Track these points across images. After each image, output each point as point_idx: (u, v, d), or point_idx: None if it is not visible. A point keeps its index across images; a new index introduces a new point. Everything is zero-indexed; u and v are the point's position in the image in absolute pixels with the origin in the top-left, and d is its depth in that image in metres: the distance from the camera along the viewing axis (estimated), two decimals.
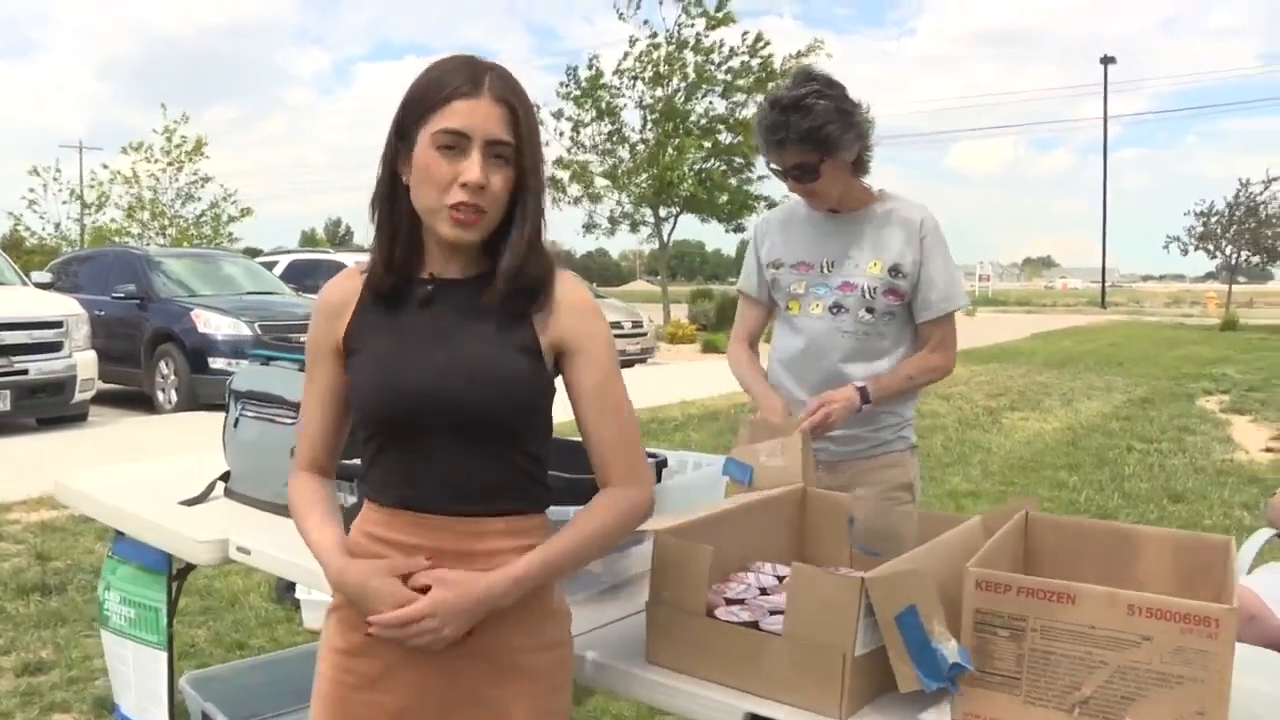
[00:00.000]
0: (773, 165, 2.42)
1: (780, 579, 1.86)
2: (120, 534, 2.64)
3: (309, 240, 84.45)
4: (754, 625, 1.59)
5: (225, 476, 2.62)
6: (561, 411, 1.52)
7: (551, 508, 1.59)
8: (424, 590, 1.41)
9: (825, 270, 2.50)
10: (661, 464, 2.13)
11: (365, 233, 1.52)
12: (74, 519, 5.47)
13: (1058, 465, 7.88)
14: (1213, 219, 26.73)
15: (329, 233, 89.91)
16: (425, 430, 1.44)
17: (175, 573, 2.54)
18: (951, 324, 2.55)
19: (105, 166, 25.55)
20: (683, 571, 1.63)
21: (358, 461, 1.57)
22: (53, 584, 4.35)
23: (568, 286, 1.52)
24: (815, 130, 2.28)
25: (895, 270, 2.45)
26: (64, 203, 26.48)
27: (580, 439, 1.58)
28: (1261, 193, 25.89)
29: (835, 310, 2.47)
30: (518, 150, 1.41)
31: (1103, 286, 47.04)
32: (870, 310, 2.45)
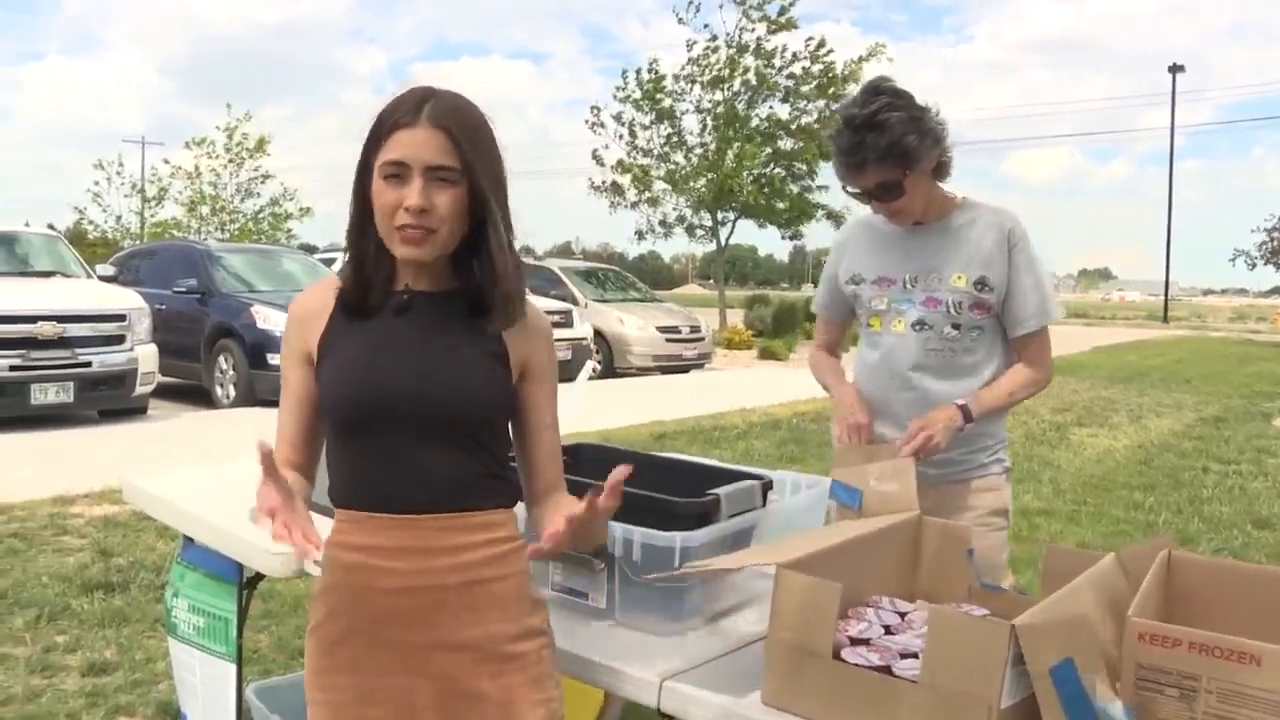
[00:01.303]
0: (851, 189, 2.32)
1: (902, 615, 1.72)
2: (189, 539, 2.56)
3: None
4: (885, 669, 1.45)
5: None
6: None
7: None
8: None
9: (908, 285, 2.39)
10: (767, 486, 2.00)
11: None
12: (136, 515, 5.44)
13: (1131, 485, 7.61)
14: None
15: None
16: (401, 431, 1.51)
17: (245, 581, 2.45)
18: (1047, 336, 2.43)
19: (166, 162, 25.95)
20: (808, 609, 1.49)
21: None
22: (116, 582, 4.30)
23: (535, 310, 1.63)
24: (894, 146, 2.18)
25: (981, 283, 2.33)
26: (125, 196, 26.92)
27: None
28: None
29: (919, 327, 2.37)
30: (466, 171, 1.48)
31: (1165, 300, 46.10)
32: (956, 326, 2.35)
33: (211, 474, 2.89)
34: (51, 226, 12.67)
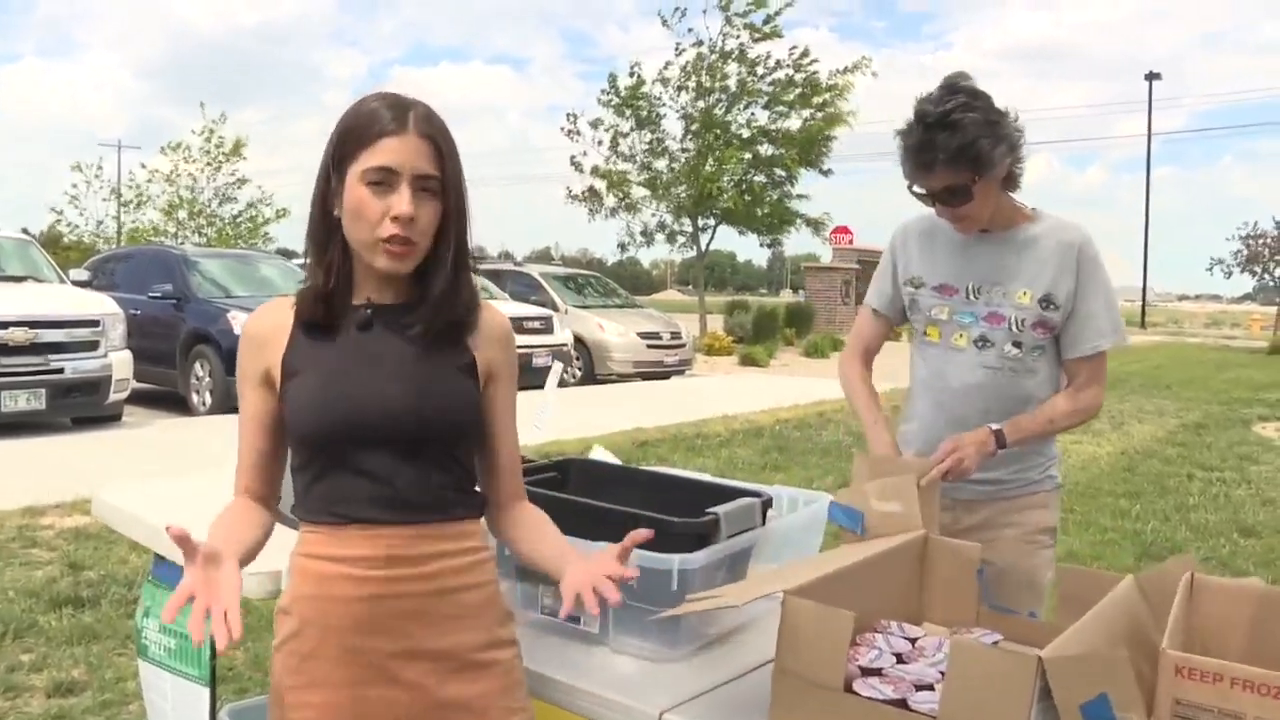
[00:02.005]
0: (916, 189, 2.19)
1: (912, 641, 1.64)
2: (160, 557, 2.45)
3: None
4: (901, 703, 1.37)
5: None
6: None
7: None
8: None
9: (971, 296, 2.28)
10: (766, 504, 1.91)
11: None
12: (108, 526, 5.31)
13: (1117, 492, 7.57)
14: (1259, 241, 26.22)
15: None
16: (375, 448, 1.48)
17: None
18: (1104, 361, 2.29)
19: (144, 166, 25.64)
20: (818, 640, 1.40)
21: None
22: (86, 597, 4.17)
23: (494, 314, 1.61)
24: (966, 148, 2.06)
25: (1047, 301, 2.22)
26: (104, 200, 26.60)
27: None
28: None
29: (981, 344, 2.26)
30: (443, 183, 1.47)
31: (1143, 307, 46.40)
32: (1018, 345, 2.24)
33: (183, 487, 2.78)
34: (25, 230, 12.44)
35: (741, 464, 7.92)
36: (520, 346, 2.66)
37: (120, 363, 8.94)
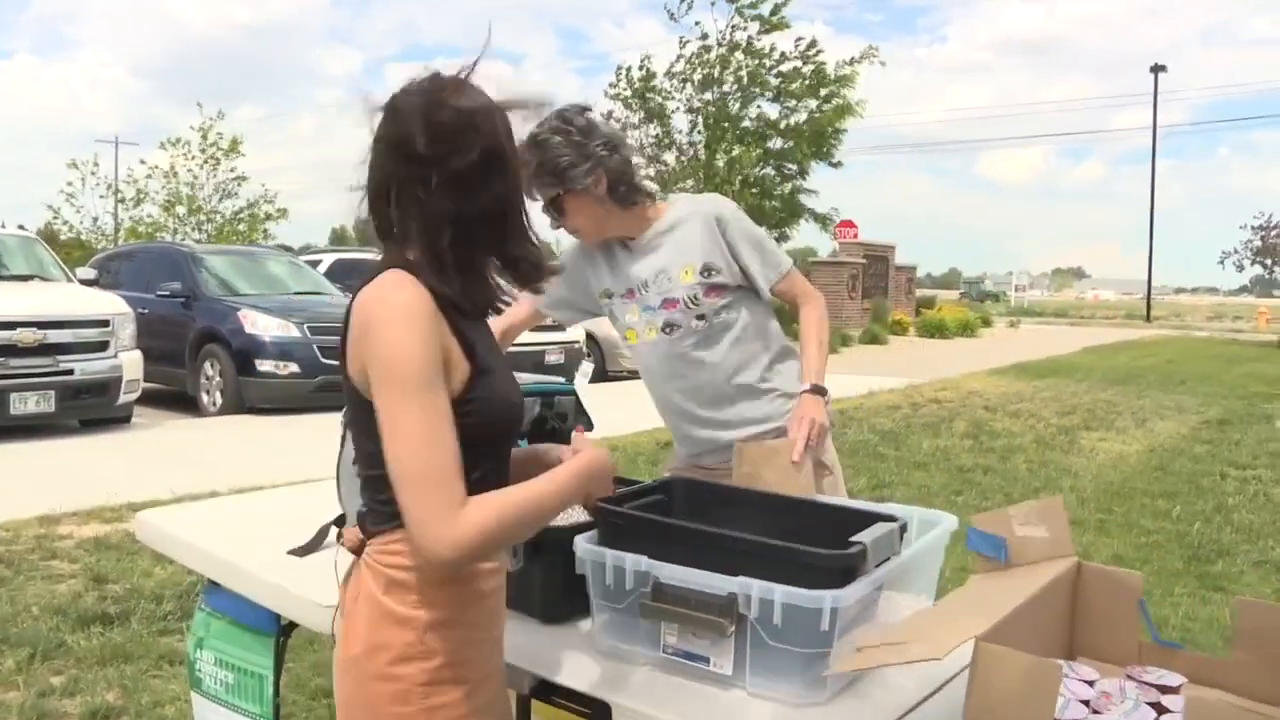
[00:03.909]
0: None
1: (1090, 683, 1.46)
2: (214, 584, 2.27)
3: (339, 239, 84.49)
4: None
5: (339, 520, 2.23)
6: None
7: None
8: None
9: (643, 291, 2.50)
10: (903, 528, 1.73)
11: None
12: (129, 535, 5.12)
13: (1153, 493, 7.40)
14: (1271, 233, 26.02)
15: (357, 231, 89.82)
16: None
17: (280, 629, 2.16)
18: (796, 274, 2.56)
19: (143, 162, 25.44)
20: (1021, 694, 1.22)
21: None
22: (114, 613, 3.97)
23: None
24: (542, 166, 2.30)
25: (708, 269, 2.45)
26: (101, 197, 26.41)
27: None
28: None
29: (669, 329, 2.48)
30: None
31: (1148, 300, 46.26)
32: (701, 317, 2.46)
33: (234, 507, 2.61)
34: (22, 227, 12.23)
35: None
36: (532, 344, 2.60)
37: (131, 363, 8.75)
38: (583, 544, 1.69)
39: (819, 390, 2.42)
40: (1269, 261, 26.62)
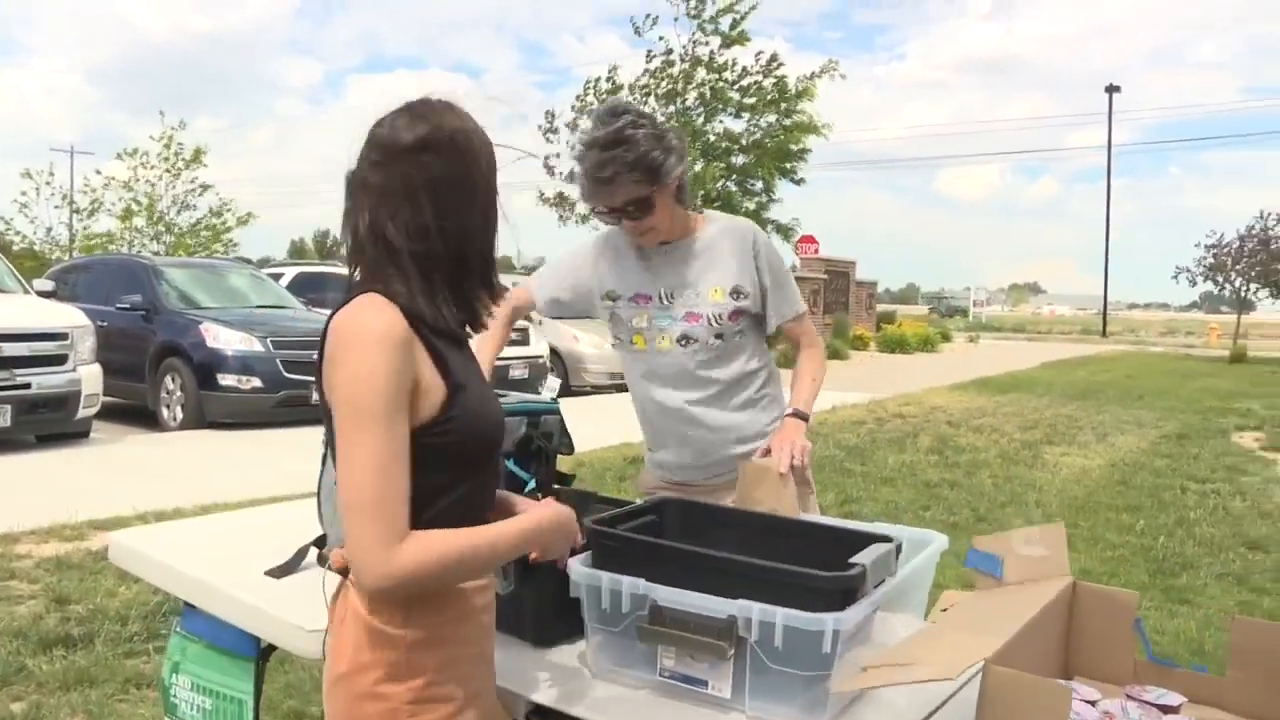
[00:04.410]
0: (603, 205, 2.34)
1: (1092, 704, 1.46)
2: (191, 606, 2.21)
3: (298, 251, 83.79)
4: None
5: (319, 541, 2.19)
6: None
7: None
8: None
9: (665, 300, 2.47)
10: (898, 549, 1.72)
11: None
12: (91, 553, 5.02)
13: (1117, 507, 7.49)
14: (1223, 251, 26.50)
15: (317, 244, 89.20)
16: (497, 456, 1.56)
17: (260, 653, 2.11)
18: (808, 319, 2.60)
19: (99, 172, 25.06)
20: (1033, 718, 1.22)
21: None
22: (77, 635, 3.87)
23: None
24: (641, 160, 2.24)
25: (737, 292, 2.44)
26: (56, 207, 25.95)
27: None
28: (1274, 226, 25.67)
29: (684, 342, 2.45)
30: None
31: (1104, 315, 47.00)
32: (719, 336, 2.45)
33: (209, 527, 2.55)
34: None
35: None
36: (496, 359, 2.56)
37: (90, 377, 8.59)
38: (578, 567, 1.67)
39: (801, 415, 2.43)
40: (1220, 278, 27.10)
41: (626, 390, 2.67)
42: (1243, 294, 27.10)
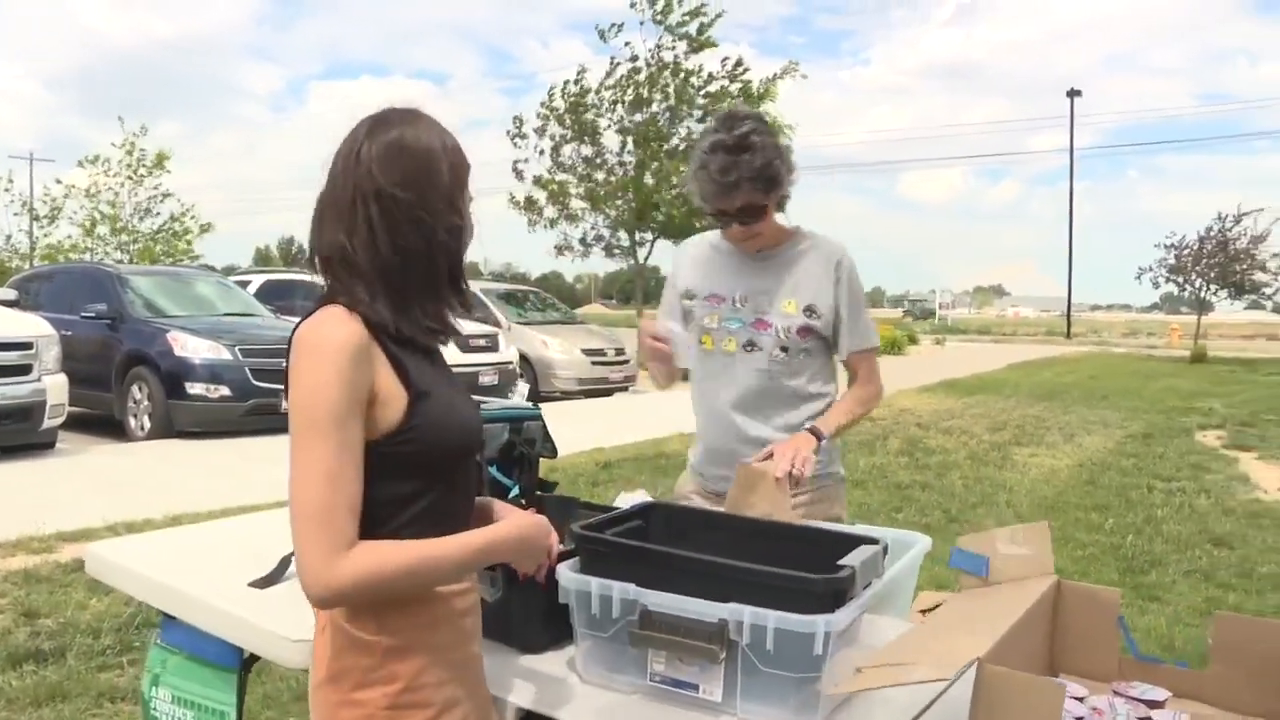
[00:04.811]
0: (719, 208, 2.35)
1: (1080, 700, 1.48)
2: (170, 617, 2.19)
3: (264, 259, 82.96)
4: None
5: None
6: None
7: None
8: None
9: (738, 304, 2.47)
10: (884, 550, 1.73)
11: None
12: (60, 566, 4.95)
13: (1086, 506, 7.59)
14: (1183, 252, 26.90)
15: (281, 251, 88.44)
16: (473, 462, 1.56)
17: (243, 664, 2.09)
18: (875, 356, 2.57)
19: (59, 181, 24.69)
20: (1027, 716, 1.23)
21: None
22: (48, 649, 3.81)
23: None
24: (765, 168, 2.27)
25: (810, 310, 2.43)
26: (15, 215, 25.56)
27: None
28: (1232, 228, 26.11)
29: (749, 348, 2.45)
30: None
31: (1068, 317, 47.48)
32: (784, 349, 2.44)
33: (187, 538, 2.53)
34: None
35: None
36: (466, 365, 2.56)
37: (55, 387, 8.48)
38: (567, 572, 1.67)
39: (816, 433, 2.38)
40: (1180, 280, 27.50)
41: (596, 396, 2.66)
42: (1202, 295, 27.50)
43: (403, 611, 1.41)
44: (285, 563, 2.16)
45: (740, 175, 2.25)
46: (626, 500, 2.78)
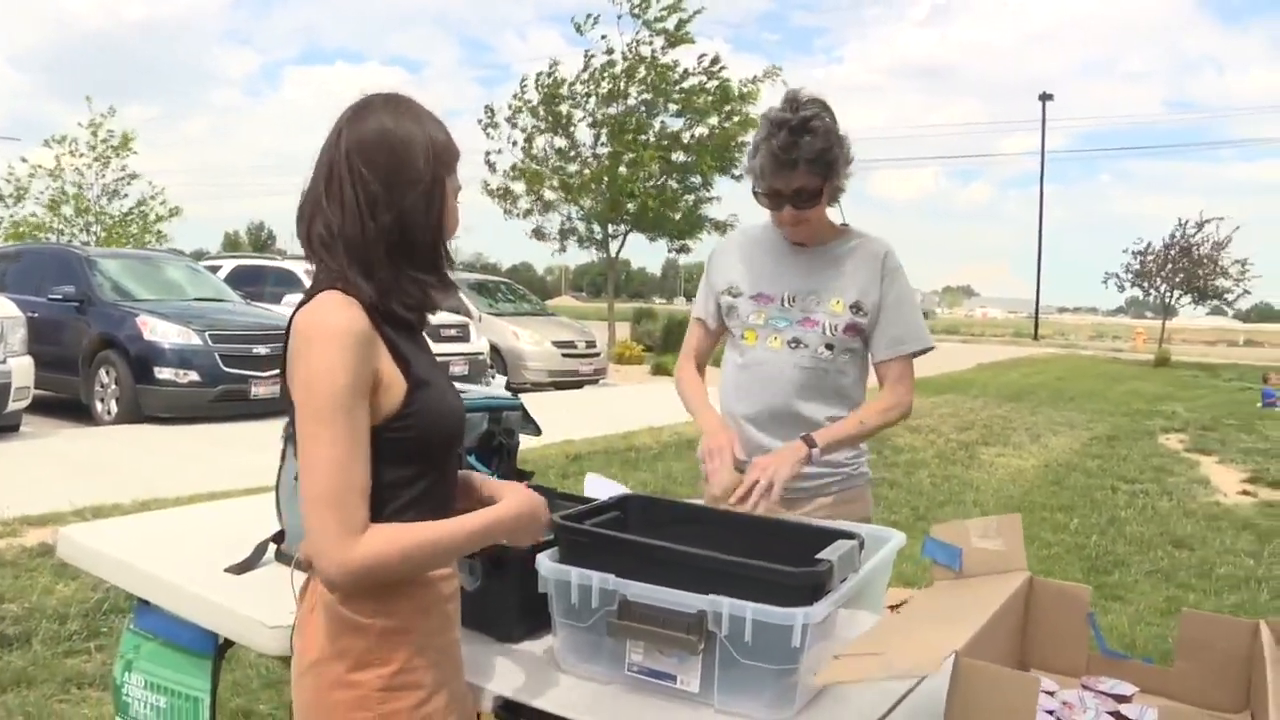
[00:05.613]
0: (775, 187, 2.30)
1: (1051, 694, 1.51)
2: (145, 602, 2.18)
3: (232, 244, 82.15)
4: None
5: (278, 537, 2.18)
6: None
7: None
8: None
9: (786, 304, 2.44)
10: (861, 544, 1.76)
11: (288, 239, 1.32)
12: (25, 550, 4.90)
13: (1051, 506, 7.68)
14: (1149, 258, 27.27)
15: (251, 237, 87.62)
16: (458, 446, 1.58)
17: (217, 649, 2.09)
18: (910, 364, 2.46)
19: (24, 160, 24.31)
20: (1001, 709, 1.26)
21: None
22: (13, 635, 3.77)
23: None
24: (825, 152, 2.25)
25: (857, 307, 2.40)
26: None
27: None
28: (1194, 234, 26.50)
29: (794, 345, 2.42)
30: None
31: (1036, 319, 48.03)
32: (830, 347, 2.41)
33: (163, 523, 2.51)
34: None
35: (679, 478, 7.79)
36: (437, 355, 2.60)
37: (20, 370, 8.37)
38: (546, 562, 1.68)
39: (810, 442, 2.27)
40: (1146, 285, 27.87)
41: (566, 388, 2.65)
42: (1167, 300, 27.88)
43: (398, 595, 1.43)
44: (261, 549, 2.16)
45: (800, 155, 2.23)
46: (593, 481, 2.81)
